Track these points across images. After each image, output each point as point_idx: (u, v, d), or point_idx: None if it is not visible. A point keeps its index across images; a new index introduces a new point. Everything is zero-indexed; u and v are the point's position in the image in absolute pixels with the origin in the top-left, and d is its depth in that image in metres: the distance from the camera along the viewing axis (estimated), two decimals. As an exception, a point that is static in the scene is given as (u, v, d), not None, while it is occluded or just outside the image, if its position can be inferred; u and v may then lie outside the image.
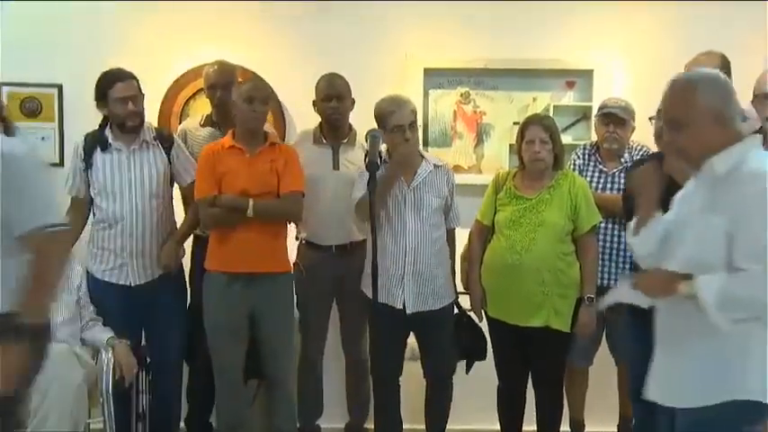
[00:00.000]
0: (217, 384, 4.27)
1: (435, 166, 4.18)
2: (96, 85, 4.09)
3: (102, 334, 4.14)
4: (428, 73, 5.00)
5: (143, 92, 4.17)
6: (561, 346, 4.09)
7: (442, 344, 4.22)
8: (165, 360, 4.36)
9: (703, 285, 2.50)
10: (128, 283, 4.20)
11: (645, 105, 4.07)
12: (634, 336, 3.61)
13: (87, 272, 4.28)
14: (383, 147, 4.03)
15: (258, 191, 4.06)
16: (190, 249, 4.53)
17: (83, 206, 4.27)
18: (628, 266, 4.21)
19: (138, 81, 4.14)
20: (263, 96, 4.08)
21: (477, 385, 4.38)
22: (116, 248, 4.17)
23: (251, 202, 4.00)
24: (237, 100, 4.06)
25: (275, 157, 4.13)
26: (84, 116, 4.35)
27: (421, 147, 4.36)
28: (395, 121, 3.98)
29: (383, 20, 4.98)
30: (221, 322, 4.12)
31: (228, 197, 4.05)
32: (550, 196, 4.03)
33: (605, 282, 4.23)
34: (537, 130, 4.00)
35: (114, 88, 4.04)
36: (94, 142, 4.17)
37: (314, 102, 4.44)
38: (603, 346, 4.51)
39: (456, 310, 4.27)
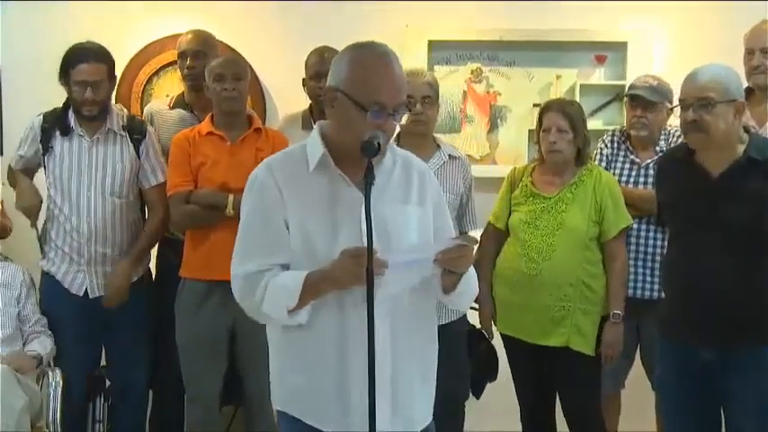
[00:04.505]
0: (187, 412, 4.01)
1: (450, 156, 3.89)
2: (62, 60, 3.86)
3: (42, 344, 3.91)
4: (433, 46, 4.81)
5: (114, 77, 3.98)
6: (591, 371, 3.83)
7: (455, 358, 3.83)
8: (128, 384, 4.13)
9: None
10: (85, 294, 3.97)
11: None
12: None
13: (42, 272, 4.03)
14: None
15: (240, 184, 3.66)
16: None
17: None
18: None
19: (109, 65, 3.91)
20: (234, 72, 3.88)
21: (493, 412, 4.20)
22: (72, 252, 3.97)
23: (231, 198, 3.75)
24: (207, 81, 3.91)
25: (261, 144, 3.91)
26: (26, 101, 4.18)
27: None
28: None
29: (380, -16, 4.80)
30: (197, 338, 3.86)
31: (205, 192, 3.84)
32: (572, 195, 3.82)
33: (638, 293, 3.98)
34: (555, 116, 3.80)
35: (76, 69, 3.82)
36: (54, 124, 3.95)
37: (303, 80, 4.24)
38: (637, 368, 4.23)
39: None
